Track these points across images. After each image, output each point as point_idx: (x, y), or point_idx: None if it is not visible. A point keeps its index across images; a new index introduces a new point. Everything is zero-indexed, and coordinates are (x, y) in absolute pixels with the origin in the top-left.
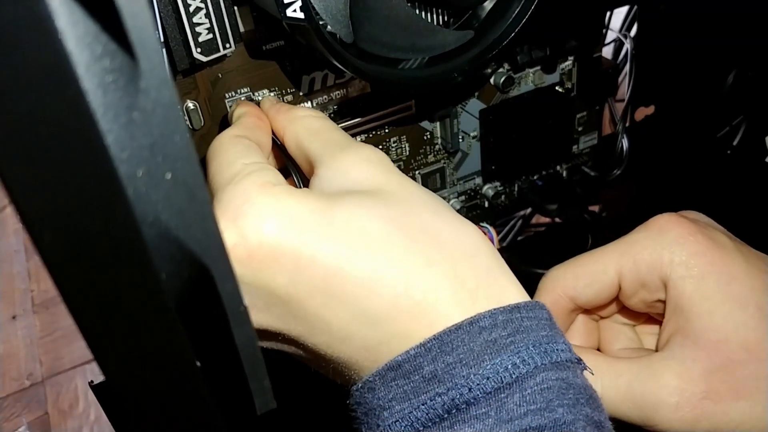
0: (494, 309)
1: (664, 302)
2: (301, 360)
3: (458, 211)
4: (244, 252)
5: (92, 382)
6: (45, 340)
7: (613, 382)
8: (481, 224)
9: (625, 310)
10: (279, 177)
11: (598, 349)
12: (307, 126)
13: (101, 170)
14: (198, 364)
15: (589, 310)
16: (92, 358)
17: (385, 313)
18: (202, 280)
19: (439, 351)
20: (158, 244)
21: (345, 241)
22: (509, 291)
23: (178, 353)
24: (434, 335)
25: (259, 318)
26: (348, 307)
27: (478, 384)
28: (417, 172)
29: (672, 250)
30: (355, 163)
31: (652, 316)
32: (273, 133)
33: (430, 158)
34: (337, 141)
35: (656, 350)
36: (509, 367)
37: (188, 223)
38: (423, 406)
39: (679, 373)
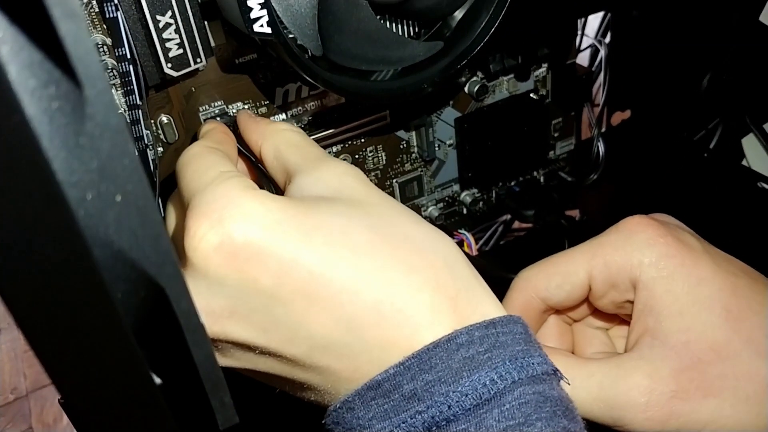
0: (470, 325)
1: (632, 303)
2: (270, 381)
3: (436, 218)
4: (228, 252)
5: (61, 399)
6: (29, 354)
7: (584, 382)
8: (459, 231)
9: (597, 313)
10: (255, 185)
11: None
12: (287, 139)
13: (50, 194)
14: (158, 381)
15: (560, 311)
16: None
17: (367, 319)
18: (158, 300)
19: (418, 369)
20: (111, 265)
21: (329, 245)
22: (485, 301)
23: (135, 372)
24: (413, 354)
25: (240, 328)
26: (331, 312)
27: (457, 401)
28: (394, 180)
29: (642, 252)
30: (335, 175)
31: (623, 318)
32: (243, 146)
33: (407, 167)
34: (316, 154)
35: (625, 351)
36: (487, 383)
37: (141, 244)
38: (404, 425)
39: (648, 373)
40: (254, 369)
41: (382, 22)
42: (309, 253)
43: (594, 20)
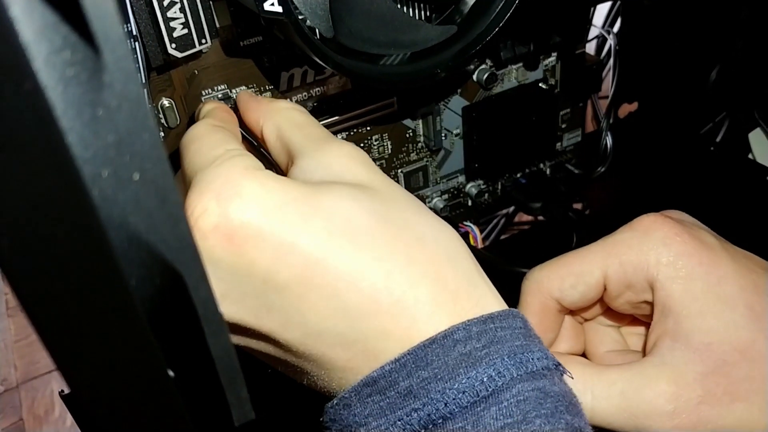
0: (468, 321)
1: (649, 303)
2: (266, 360)
3: (441, 209)
4: (224, 233)
5: (63, 391)
6: (20, 344)
7: (605, 392)
8: (465, 223)
9: (609, 312)
10: (261, 165)
11: (584, 354)
12: (290, 118)
13: (63, 170)
14: (171, 374)
15: (573, 311)
16: None
17: (364, 309)
18: (175, 287)
19: (414, 366)
20: (127, 248)
21: (328, 231)
22: (487, 296)
23: (149, 363)
24: (409, 350)
25: (231, 310)
26: (326, 300)
27: (453, 398)
28: (399, 170)
29: (659, 251)
30: (338, 157)
31: (636, 317)
32: (245, 129)
33: (413, 156)
34: (320, 135)
35: (644, 353)
36: (485, 380)
37: (159, 227)
38: (399, 422)
39: (673, 378)
40: (248, 347)
41: (394, 4)
42: (308, 239)
43: (601, 10)
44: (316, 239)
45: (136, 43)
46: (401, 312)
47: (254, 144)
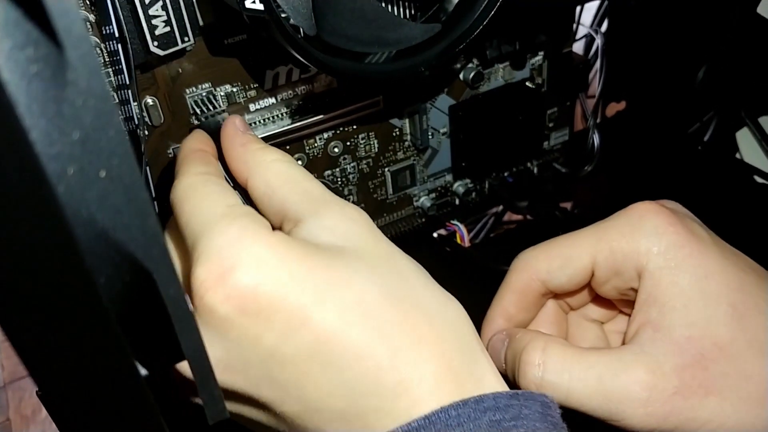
0: (498, 392)
1: (635, 291)
2: (256, 427)
3: (429, 208)
4: (237, 306)
5: (40, 392)
6: (7, 344)
7: (582, 374)
8: (452, 222)
9: (595, 303)
10: (267, 223)
11: None
12: (279, 172)
13: (27, 168)
14: (144, 372)
15: (559, 296)
16: None
17: (366, 388)
18: (145, 285)
19: (444, 425)
20: (94, 246)
21: (340, 308)
22: (488, 373)
23: (119, 363)
24: (441, 408)
25: (232, 379)
26: (330, 377)
27: None
28: (386, 169)
29: (650, 240)
30: (342, 221)
31: (621, 309)
32: (227, 171)
33: (400, 155)
34: (316, 195)
35: (623, 341)
36: None
37: (127, 224)
38: None
39: (651, 368)
40: (240, 414)
41: (378, 2)
42: (320, 315)
43: (589, 9)
44: (328, 316)
45: (119, 45)
46: (403, 392)
47: (233, 183)
